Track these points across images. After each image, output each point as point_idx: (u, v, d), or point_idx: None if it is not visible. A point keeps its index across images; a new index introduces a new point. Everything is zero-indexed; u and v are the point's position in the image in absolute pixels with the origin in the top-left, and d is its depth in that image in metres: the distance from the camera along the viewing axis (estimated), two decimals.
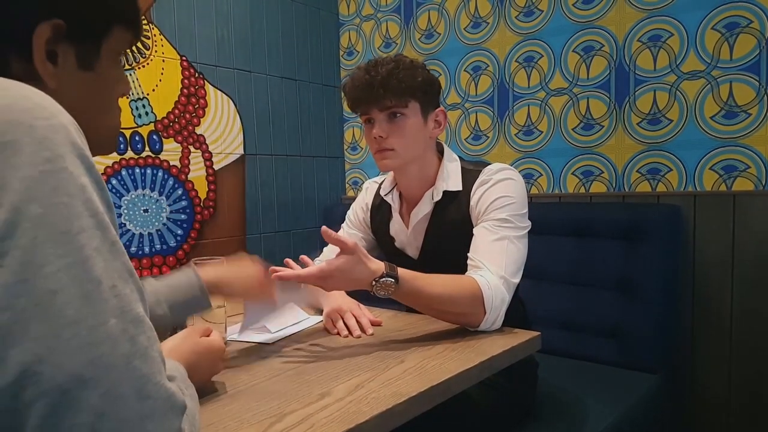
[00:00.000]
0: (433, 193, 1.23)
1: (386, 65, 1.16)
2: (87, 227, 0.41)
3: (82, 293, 0.39)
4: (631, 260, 1.66)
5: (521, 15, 2.04)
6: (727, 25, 1.66)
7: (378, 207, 1.37)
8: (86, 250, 0.40)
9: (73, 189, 0.41)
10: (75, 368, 0.37)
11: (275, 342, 1.05)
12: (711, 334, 1.73)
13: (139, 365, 0.41)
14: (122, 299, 0.42)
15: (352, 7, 2.53)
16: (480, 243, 1.12)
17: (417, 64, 1.21)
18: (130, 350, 0.40)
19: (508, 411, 1.23)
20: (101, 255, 0.41)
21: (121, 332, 0.40)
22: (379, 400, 0.73)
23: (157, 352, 0.44)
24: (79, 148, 0.43)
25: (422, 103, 1.20)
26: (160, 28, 1.91)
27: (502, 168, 1.20)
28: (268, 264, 1.04)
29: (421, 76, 1.18)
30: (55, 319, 0.38)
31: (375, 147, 1.21)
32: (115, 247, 0.43)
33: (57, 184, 0.40)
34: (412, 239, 1.28)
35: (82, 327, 0.38)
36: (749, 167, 1.66)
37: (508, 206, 1.14)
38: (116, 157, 1.80)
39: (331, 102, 2.57)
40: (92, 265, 0.40)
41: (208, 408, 0.73)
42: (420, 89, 1.18)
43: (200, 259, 1.00)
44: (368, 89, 1.16)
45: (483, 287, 1.03)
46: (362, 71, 1.18)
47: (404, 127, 1.18)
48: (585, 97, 1.92)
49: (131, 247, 1.85)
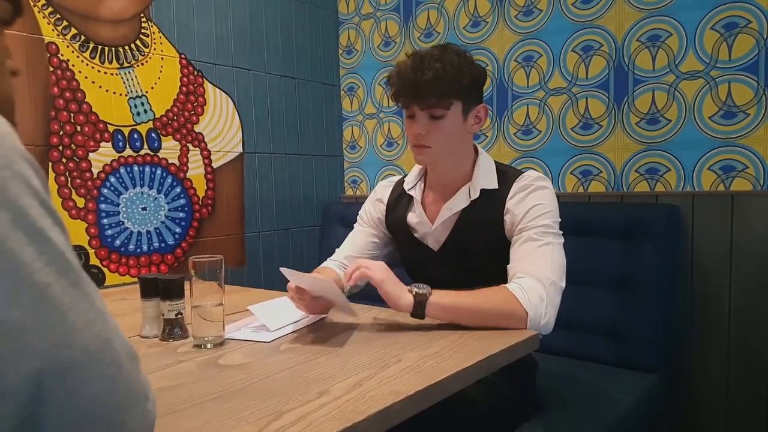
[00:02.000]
0: (470, 190, 1.24)
1: (433, 66, 1.15)
2: (50, 224, 0.44)
3: (69, 282, 0.44)
4: (630, 260, 1.67)
5: (520, 14, 2.04)
6: (726, 25, 1.66)
7: (396, 201, 1.37)
8: (58, 245, 0.44)
9: (32, 191, 0.44)
10: (85, 345, 0.43)
11: (273, 340, 1.05)
12: (709, 334, 1.73)
13: (121, 334, 0.47)
14: (92, 282, 0.47)
15: (352, 5, 2.53)
16: (524, 251, 1.14)
17: (464, 61, 1.19)
18: (113, 323, 0.47)
19: (507, 410, 1.23)
20: (67, 247, 0.46)
21: (104, 309, 0.46)
22: (376, 399, 0.74)
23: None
24: (22, 150, 0.46)
25: (465, 102, 1.20)
26: (159, 25, 1.91)
27: (540, 177, 1.23)
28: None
29: (468, 77, 1.18)
30: (57, 306, 0.42)
31: (413, 141, 1.22)
32: (68, 240, 0.48)
33: (18, 189, 0.42)
34: (437, 232, 1.28)
35: (80, 310, 0.43)
36: (747, 167, 1.66)
37: (549, 212, 1.17)
38: (115, 155, 1.80)
39: (330, 100, 2.57)
40: (68, 257, 0.45)
41: (206, 406, 0.73)
42: (465, 90, 1.19)
43: (198, 258, 1.00)
44: (413, 89, 1.17)
45: (515, 290, 1.07)
46: (409, 69, 1.17)
47: (444, 126, 1.19)
48: (584, 97, 1.93)
49: (130, 245, 1.84)
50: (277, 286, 2.22)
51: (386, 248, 1.42)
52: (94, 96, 1.74)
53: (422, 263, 1.31)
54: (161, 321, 1.07)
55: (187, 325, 1.08)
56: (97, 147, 1.76)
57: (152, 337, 1.09)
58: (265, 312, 1.15)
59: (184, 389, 0.79)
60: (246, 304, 1.21)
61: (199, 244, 2.04)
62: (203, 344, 1.01)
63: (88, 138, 1.74)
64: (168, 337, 1.06)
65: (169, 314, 1.06)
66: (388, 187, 1.42)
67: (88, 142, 1.74)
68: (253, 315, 1.16)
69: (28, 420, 0.40)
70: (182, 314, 1.07)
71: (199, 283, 1.00)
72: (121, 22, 1.81)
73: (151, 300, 1.09)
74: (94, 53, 1.75)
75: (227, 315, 1.07)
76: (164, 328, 1.07)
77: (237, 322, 1.16)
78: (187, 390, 0.79)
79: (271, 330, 1.09)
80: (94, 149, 1.75)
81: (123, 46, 1.82)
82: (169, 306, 1.06)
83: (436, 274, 1.26)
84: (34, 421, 0.40)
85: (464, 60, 1.19)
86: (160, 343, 1.05)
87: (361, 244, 1.41)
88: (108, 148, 1.78)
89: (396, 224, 1.36)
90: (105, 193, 1.78)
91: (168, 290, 1.05)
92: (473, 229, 1.23)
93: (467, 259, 1.24)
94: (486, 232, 1.21)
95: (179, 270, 1.94)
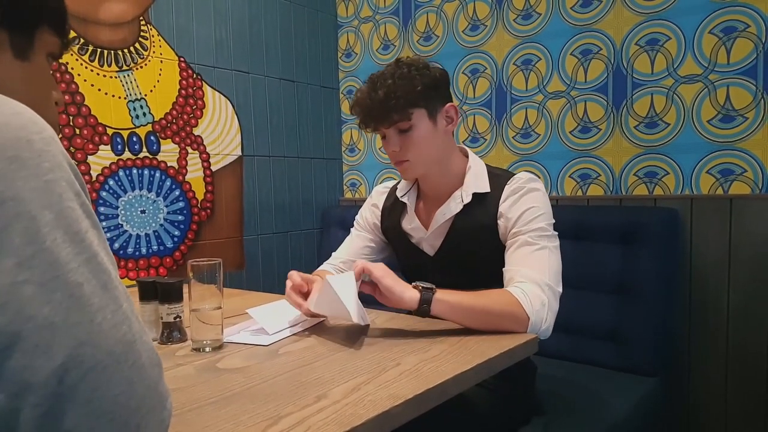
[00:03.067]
0: (462, 195, 1.23)
1: (384, 83, 1.16)
2: (88, 227, 0.47)
3: (100, 284, 0.45)
4: (629, 263, 1.67)
5: (519, 18, 2.05)
6: (725, 29, 1.67)
7: (391, 207, 1.38)
8: (94, 247, 0.46)
9: (73, 194, 0.47)
10: (109, 346, 0.44)
11: (272, 344, 1.04)
12: (708, 337, 1.73)
13: (146, 339, 0.48)
14: (122, 285, 0.49)
15: (351, 8, 2.53)
16: (520, 255, 1.14)
17: (416, 68, 1.19)
18: (139, 327, 0.48)
19: (506, 414, 1.23)
20: (103, 250, 0.48)
21: (131, 312, 0.48)
22: (375, 403, 0.73)
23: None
24: (67, 156, 0.48)
25: (428, 107, 1.19)
26: (158, 28, 1.91)
27: (532, 178, 1.22)
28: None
29: (421, 83, 1.17)
30: (87, 306, 0.44)
31: (392, 159, 1.23)
32: (106, 242, 0.50)
33: (61, 191, 0.45)
34: (432, 238, 1.29)
35: (108, 312, 0.45)
36: (746, 171, 1.66)
37: (542, 215, 1.16)
38: (114, 158, 1.80)
39: (329, 103, 2.57)
40: (101, 260, 0.47)
41: (204, 410, 0.73)
42: (421, 96, 1.18)
43: (197, 261, 1.00)
44: (371, 111, 1.18)
45: (518, 295, 1.06)
46: (364, 93, 1.19)
47: (415, 137, 1.19)
48: (582, 101, 1.93)
49: (128, 248, 1.84)
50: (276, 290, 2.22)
51: (382, 253, 1.42)
52: (93, 99, 1.75)
53: (419, 268, 1.31)
54: (160, 324, 1.07)
55: (185, 329, 1.07)
56: (95, 150, 1.76)
57: (150, 340, 1.08)
58: (263, 315, 1.15)
59: (183, 393, 0.79)
60: (245, 307, 1.21)
61: (197, 248, 2.03)
62: (202, 348, 1.00)
63: (87, 141, 1.74)
64: (166, 340, 1.06)
65: (167, 317, 1.05)
66: (383, 193, 1.42)
67: (87, 144, 1.74)
68: (251, 318, 1.15)
69: (49, 414, 0.41)
70: (181, 317, 1.07)
71: (198, 287, 0.99)
72: (120, 25, 1.82)
73: (150, 303, 1.09)
74: (93, 56, 1.75)
75: (226, 318, 1.06)
76: (163, 332, 1.06)
77: (236, 325, 1.16)
78: (185, 394, 0.79)
79: (270, 333, 1.09)
80: (93, 152, 1.75)
81: (122, 49, 1.82)
82: (167, 309, 1.05)
83: (433, 278, 1.26)
84: (54, 415, 0.41)
85: (414, 68, 1.19)
86: (159, 347, 1.04)
87: (357, 249, 1.41)
88: (107, 151, 1.78)
89: (391, 230, 1.37)
90: (104, 196, 1.78)
91: (166, 293, 1.05)
92: (467, 234, 1.23)
93: (463, 263, 1.24)
94: (480, 235, 1.21)
95: (178, 273, 1.94)
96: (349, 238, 1.45)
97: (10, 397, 0.41)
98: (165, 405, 0.48)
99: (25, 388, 0.41)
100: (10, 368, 0.41)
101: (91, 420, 0.42)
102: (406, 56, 1.26)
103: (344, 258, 1.41)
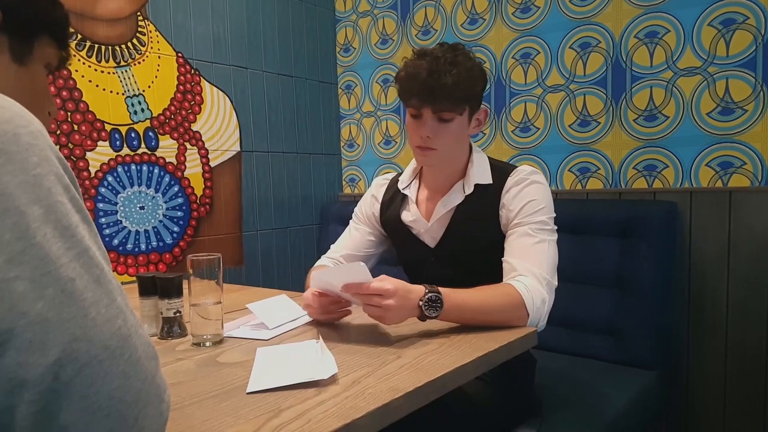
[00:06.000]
0: (464, 186, 1.24)
1: (449, 70, 1.12)
2: (78, 221, 0.46)
3: (92, 278, 0.45)
4: (628, 257, 1.67)
5: (518, 11, 2.04)
6: (724, 21, 1.66)
7: (391, 199, 1.37)
8: (85, 241, 0.46)
9: (62, 188, 0.46)
10: (104, 341, 0.44)
11: (272, 338, 1.05)
12: (707, 330, 1.73)
13: (142, 333, 0.48)
14: (115, 279, 0.48)
15: (349, 3, 2.53)
16: (520, 246, 1.14)
17: (476, 67, 1.18)
18: (134, 321, 0.47)
19: (506, 407, 1.23)
20: (95, 244, 0.47)
21: (125, 306, 0.47)
22: (375, 396, 0.74)
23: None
24: (55, 149, 0.48)
25: (473, 107, 1.21)
26: (155, 24, 1.91)
27: (535, 171, 1.23)
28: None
29: (480, 84, 1.19)
30: (80, 301, 0.43)
31: (418, 142, 1.20)
32: (98, 236, 0.49)
33: (50, 185, 0.45)
34: (433, 229, 1.28)
35: (101, 306, 0.45)
36: (745, 164, 1.66)
37: (544, 208, 1.17)
38: (112, 154, 1.79)
39: (328, 99, 2.56)
40: (93, 254, 0.46)
41: (205, 404, 0.73)
42: (475, 97, 1.20)
43: (196, 256, 1.00)
44: (429, 92, 1.14)
45: (522, 291, 1.06)
46: (423, 70, 1.14)
47: (451, 130, 1.19)
48: (581, 94, 1.93)
49: (127, 244, 1.84)
50: (276, 285, 2.22)
51: (381, 246, 1.42)
52: (91, 95, 1.74)
53: (419, 260, 1.31)
54: (160, 319, 1.07)
55: (185, 324, 1.08)
56: (94, 146, 1.75)
57: (151, 335, 1.09)
58: (263, 310, 1.15)
59: (183, 387, 0.79)
60: (244, 302, 1.21)
61: (197, 243, 2.03)
62: (202, 342, 1.01)
63: (86, 137, 1.73)
64: (167, 335, 1.06)
65: (167, 313, 1.06)
66: (383, 185, 1.42)
67: (86, 141, 1.73)
68: (251, 313, 1.16)
69: (45, 410, 0.41)
70: (181, 313, 1.07)
71: (198, 282, 1.00)
72: (117, 21, 1.81)
73: (150, 299, 1.09)
74: (90, 52, 1.74)
75: (226, 313, 1.07)
76: (163, 327, 1.07)
77: (235, 320, 1.16)
78: (186, 388, 0.79)
79: (270, 328, 1.09)
80: (92, 148, 1.75)
81: (120, 44, 1.82)
82: (167, 304, 1.06)
83: (433, 271, 1.26)
84: (50, 411, 0.41)
85: (476, 66, 1.19)
86: (159, 342, 1.05)
87: (356, 242, 1.41)
88: (105, 147, 1.78)
89: (391, 222, 1.36)
90: (103, 192, 1.78)
91: (166, 289, 1.05)
92: (469, 225, 1.24)
93: (464, 255, 1.24)
94: (482, 226, 1.22)
95: (177, 269, 1.94)
96: (348, 231, 1.45)
97: (5, 395, 0.40)
98: (163, 397, 0.48)
99: (20, 384, 0.40)
100: (4, 365, 0.40)
101: (88, 415, 0.42)
102: (455, 43, 1.21)
103: (343, 252, 1.40)
